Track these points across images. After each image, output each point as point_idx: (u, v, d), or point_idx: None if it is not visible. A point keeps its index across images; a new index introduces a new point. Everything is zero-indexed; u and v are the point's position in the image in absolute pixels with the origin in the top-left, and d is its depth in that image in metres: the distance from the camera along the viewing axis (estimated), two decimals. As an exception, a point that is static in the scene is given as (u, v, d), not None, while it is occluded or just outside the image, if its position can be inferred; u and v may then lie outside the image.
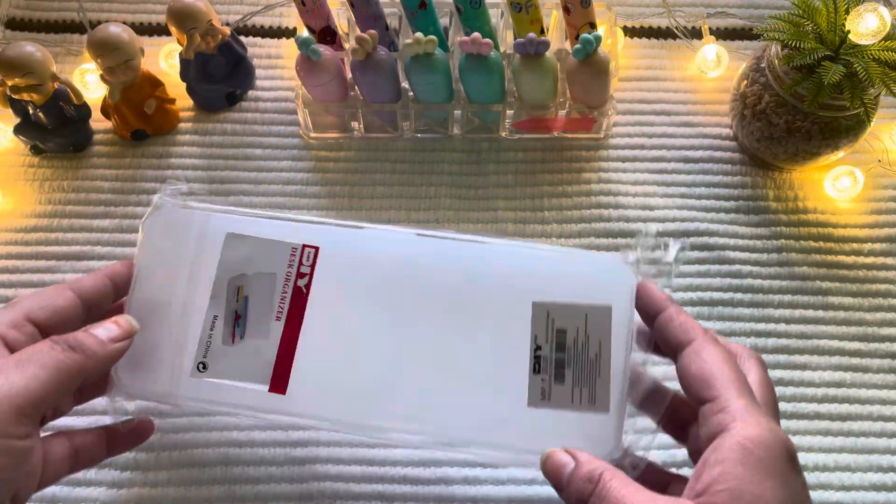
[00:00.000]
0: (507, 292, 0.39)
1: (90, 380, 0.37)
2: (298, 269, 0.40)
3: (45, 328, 0.38)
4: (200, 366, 0.39)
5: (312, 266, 0.40)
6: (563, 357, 0.38)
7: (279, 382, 0.39)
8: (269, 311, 0.40)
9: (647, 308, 0.38)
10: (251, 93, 0.62)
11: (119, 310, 0.41)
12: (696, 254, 0.56)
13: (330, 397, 0.39)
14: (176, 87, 0.61)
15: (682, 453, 0.43)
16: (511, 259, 0.40)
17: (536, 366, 0.38)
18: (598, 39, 0.52)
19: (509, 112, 0.58)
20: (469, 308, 0.39)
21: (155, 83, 0.59)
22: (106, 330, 0.37)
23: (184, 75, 0.60)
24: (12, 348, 0.36)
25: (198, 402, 0.40)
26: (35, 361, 0.34)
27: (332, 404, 0.39)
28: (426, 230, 0.41)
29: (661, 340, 0.37)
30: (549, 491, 0.48)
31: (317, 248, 0.41)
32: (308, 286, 0.40)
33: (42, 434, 0.36)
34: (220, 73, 0.60)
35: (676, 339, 0.35)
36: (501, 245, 0.41)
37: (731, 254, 0.56)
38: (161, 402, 0.41)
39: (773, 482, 0.29)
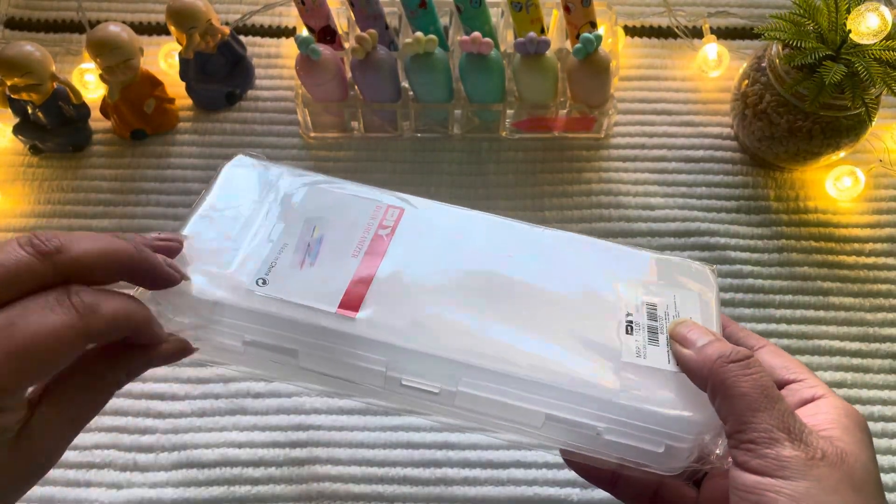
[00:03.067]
0: (594, 274, 0.38)
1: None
2: (381, 222, 0.38)
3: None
4: (260, 281, 0.35)
5: (396, 221, 0.38)
6: (656, 325, 0.36)
7: (349, 305, 0.35)
8: (345, 249, 0.37)
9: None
10: (251, 92, 0.62)
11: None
12: (696, 254, 0.56)
13: (404, 329, 0.35)
14: (175, 87, 0.61)
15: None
16: (600, 249, 0.40)
17: (629, 328, 0.36)
18: (599, 39, 0.52)
19: (509, 112, 0.58)
20: (556, 277, 0.38)
21: (154, 83, 0.59)
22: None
23: (183, 75, 0.60)
24: None
25: (250, 320, 0.35)
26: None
27: (408, 332, 0.35)
28: (510, 220, 0.40)
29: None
30: (548, 491, 0.48)
31: (402, 209, 0.39)
32: (390, 235, 0.38)
33: None
34: (220, 73, 0.60)
35: (748, 343, 0.37)
36: (587, 239, 0.40)
37: (732, 254, 0.56)
38: (207, 317, 0.35)
39: (870, 437, 0.33)
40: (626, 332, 0.36)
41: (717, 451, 0.34)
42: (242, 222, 0.37)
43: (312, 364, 0.36)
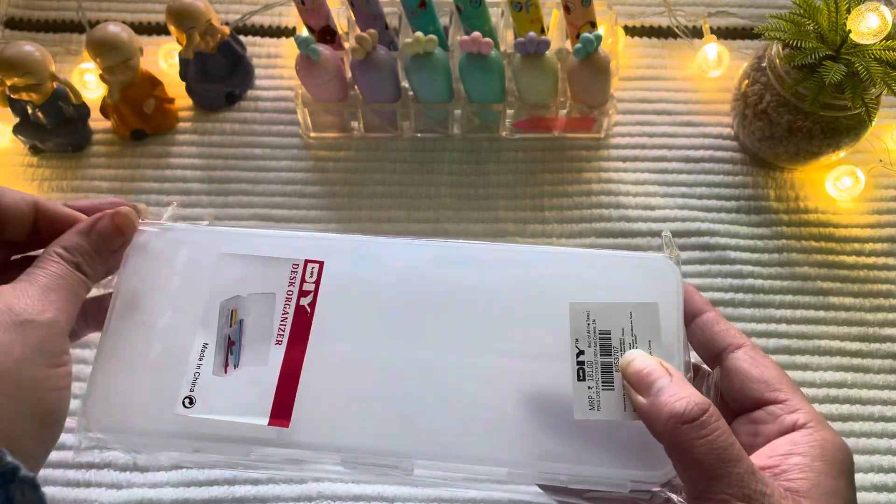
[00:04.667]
0: (539, 297, 0.36)
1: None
2: (301, 286, 0.36)
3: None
4: (187, 401, 0.34)
5: (317, 283, 0.36)
6: (610, 361, 0.34)
7: (281, 413, 0.34)
8: (267, 335, 0.35)
9: (685, 309, 0.36)
10: (250, 92, 0.62)
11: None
12: (696, 254, 0.56)
13: (343, 426, 0.34)
14: (175, 87, 0.61)
15: None
16: (539, 263, 0.37)
17: (580, 373, 0.34)
18: (599, 39, 0.52)
19: (510, 112, 0.58)
20: (497, 319, 0.35)
21: (154, 83, 0.59)
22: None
23: (183, 75, 0.60)
24: None
25: (181, 440, 0.34)
26: (62, 288, 0.32)
27: (345, 433, 0.34)
28: (439, 240, 0.37)
29: (699, 341, 0.36)
30: (549, 492, 0.48)
31: (321, 263, 0.36)
32: (312, 305, 0.35)
33: None
34: (220, 73, 0.60)
35: (724, 342, 0.35)
36: (526, 250, 0.37)
37: (732, 254, 0.56)
38: (137, 443, 0.34)
39: (845, 481, 0.30)
40: (578, 379, 0.34)
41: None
42: (157, 321, 0.35)
43: (265, 463, 0.35)
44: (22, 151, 0.59)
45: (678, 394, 0.30)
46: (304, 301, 0.36)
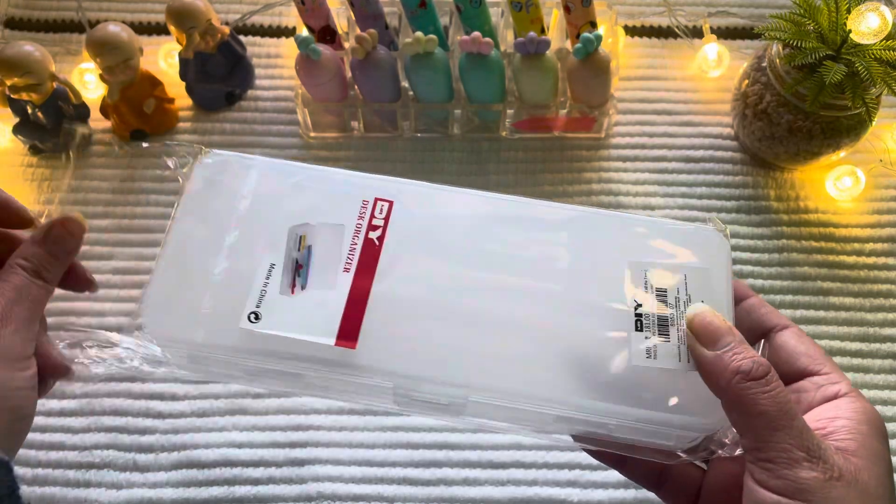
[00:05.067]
0: (598, 255, 0.37)
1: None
2: (370, 221, 0.37)
3: None
4: (252, 316, 0.34)
5: (386, 219, 0.37)
6: (666, 315, 0.35)
7: (348, 335, 0.34)
8: (336, 261, 0.35)
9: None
10: (251, 92, 0.62)
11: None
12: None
13: (404, 354, 0.34)
14: (175, 87, 0.61)
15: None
16: (599, 224, 0.38)
17: (638, 324, 0.35)
18: (599, 38, 0.52)
19: (510, 111, 0.58)
20: (559, 269, 0.36)
21: (154, 82, 0.59)
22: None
23: (183, 75, 0.60)
24: None
25: (244, 354, 0.34)
26: (25, 300, 0.33)
27: (406, 360, 0.34)
28: (505, 195, 0.39)
29: (745, 323, 0.37)
30: (548, 491, 0.48)
31: (391, 202, 0.37)
32: (381, 239, 0.36)
33: None
34: (220, 73, 0.60)
35: (772, 322, 0.37)
36: (588, 211, 0.39)
37: (733, 254, 0.56)
38: (199, 354, 0.35)
39: (886, 446, 0.32)
40: (636, 329, 0.35)
41: (727, 441, 0.34)
42: (224, 239, 0.36)
43: (318, 385, 0.36)
44: (22, 151, 0.59)
45: (744, 353, 0.31)
46: (373, 235, 0.36)
